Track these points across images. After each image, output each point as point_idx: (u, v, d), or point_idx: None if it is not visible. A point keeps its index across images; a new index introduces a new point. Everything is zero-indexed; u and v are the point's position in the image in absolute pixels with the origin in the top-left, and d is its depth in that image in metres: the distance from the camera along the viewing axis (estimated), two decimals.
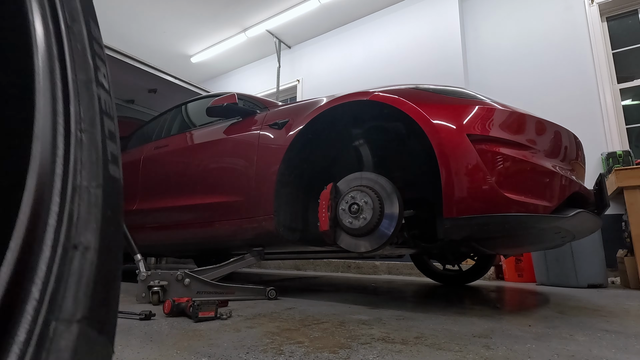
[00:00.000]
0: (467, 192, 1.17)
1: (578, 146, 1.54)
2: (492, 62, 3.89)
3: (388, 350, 0.89)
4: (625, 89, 3.31)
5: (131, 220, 2.35)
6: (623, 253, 2.58)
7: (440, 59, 4.02)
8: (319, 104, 1.63)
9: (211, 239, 1.97)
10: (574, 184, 1.37)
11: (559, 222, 1.25)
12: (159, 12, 4.78)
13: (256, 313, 1.40)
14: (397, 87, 1.47)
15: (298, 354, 0.85)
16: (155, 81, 4.07)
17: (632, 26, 3.43)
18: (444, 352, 0.88)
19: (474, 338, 1.02)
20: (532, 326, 1.18)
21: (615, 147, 3.08)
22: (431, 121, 1.25)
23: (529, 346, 0.94)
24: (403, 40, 4.37)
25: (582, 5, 3.49)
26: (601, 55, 3.30)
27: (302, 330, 1.10)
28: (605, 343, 0.99)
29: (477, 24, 4.08)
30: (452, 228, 1.19)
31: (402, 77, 4.23)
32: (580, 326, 1.19)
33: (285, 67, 5.38)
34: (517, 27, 3.81)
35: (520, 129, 1.29)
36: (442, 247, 1.70)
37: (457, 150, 1.20)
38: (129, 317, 1.27)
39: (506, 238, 1.37)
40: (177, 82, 4.12)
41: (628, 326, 1.21)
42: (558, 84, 3.46)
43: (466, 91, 1.42)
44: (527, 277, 2.84)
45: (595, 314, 1.42)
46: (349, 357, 0.83)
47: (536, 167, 1.24)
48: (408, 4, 4.43)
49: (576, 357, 0.85)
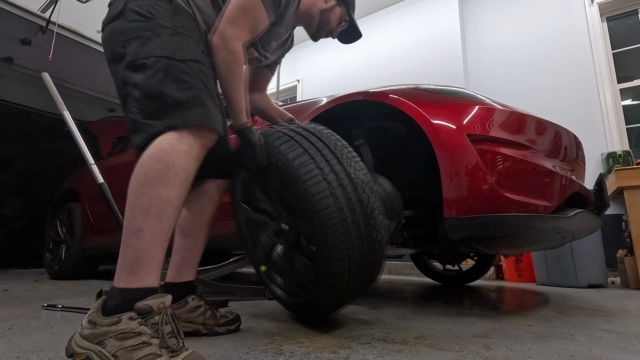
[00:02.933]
0: (467, 192, 1.17)
1: (578, 146, 1.54)
2: (492, 62, 3.89)
3: (388, 350, 0.89)
4: (625, 89, 3.31)
5: None
6: (623, 253, 2.58)
7: (440, 59, 4.02)
8: (319, 104, 1.63)
9: (211, 239, 1.96)
10: (574, 184, 1.37)
11: (559, 222, 1.25)
12: None
13: (256, 313, 1.40)
14: (397, 87, 1.47)
15: (298, 354, 0.85)
16: None
17: (632, 26, 3.43)
18: (444, 352, 0.88)
19: (474, 338, 1.02)
20: (532, 326, 1.18)
21: (615, 147, 3.08)
22: (431, 121, 1.25)
23: (529, 346, 0.94)
24: (403, 40, 4.36)
25: (582, 6, 3.49)
26: (601, 55, 3.30)
27: (302, 330, 1.10)
28: (606, 343, 0.99)
29: (477, 24, 4.08)
30: (452, 228, 1.19)
31: (402, 77, 4.23)
32: (580, 326, 1.19)
33: (285, 67, 5.38)
34: (517, 27, 3.81)
35: (520, 129, 1.29)
36: (442, 247, 1.70)
37: (457, 150, 1.19)
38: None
39: (506, 238, 1.37)
40: None
41: (628, 326, 1.21)
42: (558, 83, 3.46)
43: (466, 91, 1.42)
44: (527, 277, 2.84)
45: (595, 314, 1.42)
46: (349, 357, 0.83)
47: (536, 167, 1.24)
48: (408, 4, 4.43)
49: (576, 357, 0.85)
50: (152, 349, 0.64)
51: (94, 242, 2.81)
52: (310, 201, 0.90)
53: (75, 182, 3.21)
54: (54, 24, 3.04)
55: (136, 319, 0.67)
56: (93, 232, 2.80)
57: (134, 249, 0.73)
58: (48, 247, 3.22)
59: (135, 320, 0.67)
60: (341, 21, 1.34)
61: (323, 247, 0.91)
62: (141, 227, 0.74)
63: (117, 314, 0.67)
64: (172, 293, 1.05)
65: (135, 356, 0.63)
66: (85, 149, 1.82)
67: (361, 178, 0.99)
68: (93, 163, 1.80)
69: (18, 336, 1.04)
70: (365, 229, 0.95)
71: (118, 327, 0.65)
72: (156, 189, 0.77)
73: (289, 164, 0.96)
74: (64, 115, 1.87)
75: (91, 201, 2.88)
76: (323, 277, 0.96)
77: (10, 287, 2.33)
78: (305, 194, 0.91)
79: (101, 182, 1.75)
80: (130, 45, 0.90)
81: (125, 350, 0.63)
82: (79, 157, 2.09)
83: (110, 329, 0.66)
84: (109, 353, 0.64)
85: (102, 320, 0.67)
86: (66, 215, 3.12)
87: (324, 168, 0.95)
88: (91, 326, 0.68)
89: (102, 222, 2.72)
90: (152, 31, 0.91)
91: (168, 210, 0.77)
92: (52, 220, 3.30)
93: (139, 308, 0.67)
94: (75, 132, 1.83)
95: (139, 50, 0.89)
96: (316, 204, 0.90)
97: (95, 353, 0.64)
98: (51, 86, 1.97)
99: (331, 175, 0.95)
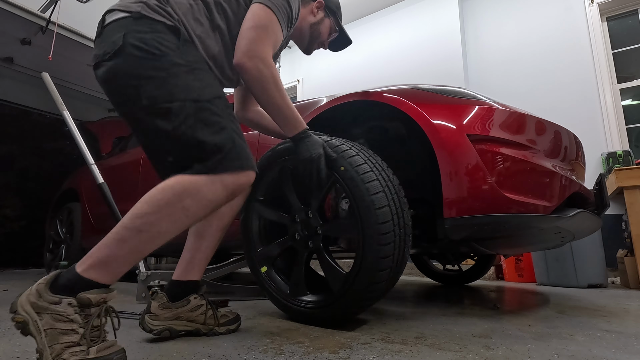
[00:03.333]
0: (467, 192, 1.17)
1: (578, 146, 1.54)
2: (492, 62, 3.89)
3: (388, 350, 0.89)
4: (625, 89, 3.31)
5: None
6: (623, 253, 2.58)
7: (440, 59, 4.02)
8: (319, 104, 1.63)
9: None
10: (574, 184, 1.37)
11: (559, 222, 1.25)
12: None
13: (256, 313, 1.40)
14: (397, 87, 1.47)
15: (298, 354, 0.85)
16: None
17: (632, 26, 3.43)
18: (444, 352, 0.88)
19: (474, 338, 1.02)
20: (532, 326, 1.18)
21: (615, 147, 3.08)
22: (431, 121, 1.25)
23: (529, 346, 0.94)
24: (403, 40, 4.36)
25: (582, 6, 3.49)
26: (601, 55, 3.30)
27: (302, 330, 1.10)
28: (606, 343, 0.99)
29: (477, 24, 4.08)
30: (452, 228, 1.19)
31: (402, 77, 4.23)
32: (580, 326, 1.19)
33: (285, 67, 5.38)
34: (517, 27, 3.81)
35: (520, 129, 1.29)
36: (442, 247, 1.70)
37: (457, 150, 1.19)
38: (129, 317, 1.27)
39: (506, 238, 1.37)
40: None
41: (628, 326, 1.21)
42: (558, 83, 3.46)
43: (466, 91, 1.42)
44: (527, 277, 2.84)
45: (595, 314, 1.42)
46: (349, 357, 0.83)
47: (536, 167, 1.24)
48: (408, 4, 4.43)
49: (576, 357, 0.85)
50: (75, 337, 0.70)
51: (94, 242, 2.75)
52: (372, 199, 1.05)
53: (75, 182, 3.21)
54: (54, 24, 3.04)
55: (74, 306, 0.72)
56: (93, 232, 2.80)
57: (110, 250, 0.77)
58: (48, 247, 3.22)
59: (73, 307, 0.72)
60: (331, 32, 1.34)
61: (375, 244, 1.03)
62: (126, 240, 0.77)
63: (62, 294, 0.72)
64: (177, 290, 1.06)
65: (60, 340, 0.69)
66: (85, 149, 1.82)
67: (395, 181, 1.14)
68: (93, 163, 1.80)
69: (18, 336, 1.04)
70: (402, 228, 1.09)
71: (56, 308, 0.71)
72: (159, 221, 0.79)
73: (353, 168, 1.09)
74: (64, 115, 1.87)
75: (91, 201, 2.88)
76: (367, 275, 1.04)
77: (10, 287, 2.33)
78: (367, 192, 1.06)
79: (101, 182, 1.75)
80: (145, 88, 0.84)
81: (54, 330, 0.69)
82: (79, 157, 2.09)
83: (49, 307, 0.71)
84: (42, 327, 0.69)
85: (47, 296, 0.72)
86: (66, 215, 3.12)
87: (380, 174, 1.10)
88: (37, 296, 0.72)
89: (102, 222, 2.72)
90: (166, 71, 0.85)
91: (158, 240, 0.80)
92: (52, 220, 3.30)
93: (80, 298, 0.72)
94: (75, 132, 1.83)
95: (157, 93, 0.84)
96: (376, 201, 1.05)
97: (32, 321, 0.70)
98: (51, 86, 1.97)
99: (381, 176, 1.10)
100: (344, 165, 1.10)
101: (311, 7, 1.27)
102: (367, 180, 1.07)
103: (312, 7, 1.27)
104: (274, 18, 1.01)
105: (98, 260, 0.76)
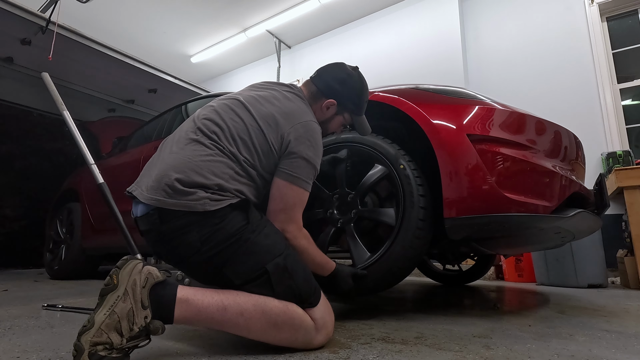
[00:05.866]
0: (467, 192, 1.17)
1: (578, 146, 1.54)
2: (492, 62, 3.89)
3: (388, 350, 0.89)
4: (625, 89, 3.31)
5: (131, 221, 2.34)
6: (623, 253, 2.58)
7: (440, 59, 4.02)
8: None
9: None
10: (574, 183, 1.37)
11: (559, 222, 1.25)
12: (159, 12, 4.78)
13: None
14: (397, 87, 1.47)
15: (298, 354, 0.85)
16: (156, 81, 4.06)
17: (632, 26, 3.43)
18: (444, 352, 0.88)
19: (474, 338, 1.02)
20: (532, 326, 1.18)
21: (615, 147, 3.08)
22: (431, 121, 1.25)
23: (529, 346, 0.94)
24: (403, 40, 4.36)
25: (582, 6, 3.49)
26: (601, 55, 3.30)
27: None
28: (605, 343, 0.99)
29: (477, 24, 4.08)
30: (452, 228, 1.19)
31: (402, 77, 4.23)
32: (580, 326, 1.19)
33: (285, 67, 5.38)
34: (517, 27, 3.81)
35: (520, 129, 1.28)
36: (442, 247, 1.70)
37: (457, 150, 1.19)
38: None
39: (506, 238, 1.37)
40: (177, 82, 4.11)
41: (628, 326, 1.21)
42: (558, 83, 3.46)
43: (466, 91, 1.42)
44: (527, 277, 2.84)
45: (595, 314, 1.42)
46: (349, 357, 0.83)
47: (536, 167, 1.24)
48: (408, 4, 4.43)
49: (576, 357, 0.85)
50: (117, 339, 0.73)
51: (94, 242, 2.81)
52: (419, 198, 1.26)
53: (75, 182, 3.21)
54: (54, 24, 3.04)
55: (146, 321, 0.77)
56: (93, 232, 2.80)
57: (208, 308, 0.82)
58: (48, 247, 3.22)
59: (145, 319, 0.76)
60: (344, 126, 1.27)
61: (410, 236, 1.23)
62: (225, 314, 0.83)
63: (152, 301, 0.78)
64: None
65: (107, 329, 0.74)
66: (85, 149, 1.82)
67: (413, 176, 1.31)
68: (93, 163, 1.79)
69: (18, 336, 1.04)
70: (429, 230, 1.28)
71: (136, 311, 0.76)
72: (255, 325, 0.84)
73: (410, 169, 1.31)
74: (64, 115, 1.87)
75: (91, 201, 2.88)
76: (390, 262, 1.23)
77: (10, 287, 2.33)
78: (417, 191, 1.27)
79: (101, 182, 1.75)
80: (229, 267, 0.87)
81: (115, 317, 0.74)
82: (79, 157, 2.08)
83: (137, 304, 0.77)
84: (115, 307, 0.75)
85: (144, 294, 0.78)
86: (66, 215, 3.11)
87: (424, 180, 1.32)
88: (142, 282, 0.78)
89: (102, 222, 2.72)
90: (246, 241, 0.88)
91: (235, 329, 0.85)
92: (52, 220, 3.30)
93: (154, 324, 0.77)
94: (75, 132, 1.82)
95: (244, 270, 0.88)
96: (422, 201, 1.25)
97: (123, 292, 0.76)
98: (51, 86, 1.97)
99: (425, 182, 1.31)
100: (403, 164, 1.29)
101: (321, 104, 1.18)
102: (419, 183, 1.26)
103: (321, 105, 1.18)
104: (302, 192, 0.99)
105: (196, 306, 0.80)
